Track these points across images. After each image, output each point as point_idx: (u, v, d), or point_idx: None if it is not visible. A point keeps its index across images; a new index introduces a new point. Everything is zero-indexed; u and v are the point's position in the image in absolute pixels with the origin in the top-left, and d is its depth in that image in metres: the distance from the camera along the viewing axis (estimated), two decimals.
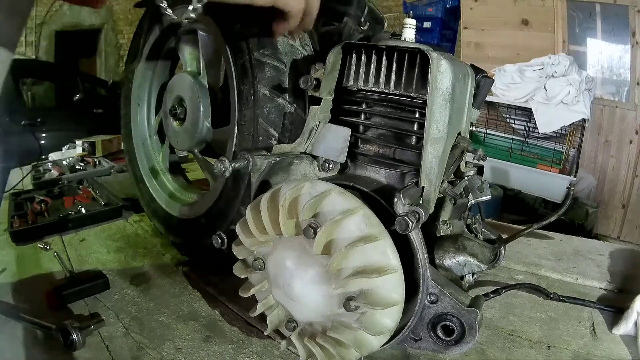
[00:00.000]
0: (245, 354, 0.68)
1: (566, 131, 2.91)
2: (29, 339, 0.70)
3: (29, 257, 0.99)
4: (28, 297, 0.82)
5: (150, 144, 1.15)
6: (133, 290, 0.86)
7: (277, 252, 0.55)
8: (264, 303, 0.59)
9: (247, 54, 0.75)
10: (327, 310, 0.52)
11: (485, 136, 3.23)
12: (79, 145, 2.00)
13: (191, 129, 0.94)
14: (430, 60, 0.52)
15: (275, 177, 0.64)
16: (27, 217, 1.15)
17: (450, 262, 0.61)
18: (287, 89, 0.75)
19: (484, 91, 0.71)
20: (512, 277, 0.94)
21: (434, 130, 0.54)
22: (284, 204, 0.51)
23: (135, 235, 1.13)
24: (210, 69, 0.94)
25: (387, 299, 0.49)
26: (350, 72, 0.61)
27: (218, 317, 0.78)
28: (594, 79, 2.94)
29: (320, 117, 0.64)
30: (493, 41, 3.35)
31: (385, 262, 0.48)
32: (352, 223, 0.49)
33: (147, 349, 0.68)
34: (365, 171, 0.62)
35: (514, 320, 0.78)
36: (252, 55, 0.74)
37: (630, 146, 2.96)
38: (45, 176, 1.56)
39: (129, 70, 1.12)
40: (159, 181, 1.11)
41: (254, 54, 0.74)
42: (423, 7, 3.70)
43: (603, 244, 1.15)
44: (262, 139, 0.76)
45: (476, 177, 0.71)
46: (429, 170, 0.54)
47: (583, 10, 3.01)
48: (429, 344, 0.54)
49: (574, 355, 0.69)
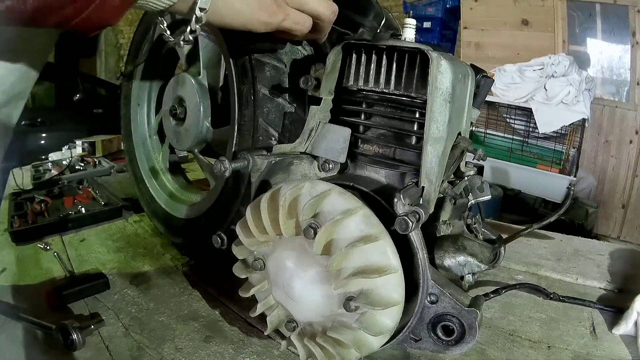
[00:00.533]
0: (245, 354, 0.68)
1: (566, 131, 2.91)
2: (29, 339, 0.70)
3: (29, 257, 0.99)
4: (28, 297, 0.82)
5: (150, 144, 1.15)
6: (133, 290, 0.86)
7: (277, 252, 0.55)
8: (264, 303, 0.59)
9: (247, 54, 0.75)
10: (327, 311, 0.52)
11: (485, 136, 3.23)
12: (79, 145, 2.00)
13: (191, 129, 0.94)
14: (430, 60, 0.52)
15: (275, 177, 0.64)
16: (27, 217, 1.15)
17: (450, 262, 0.61)
18: (287, 89, 0.75)
19: (484, 91, 0.71)
20: (512, 277, 0.94)
21: (434, 130, 0.54)
22: (284, 204, 0.51)
23: (135, 235, 1.13)
24: (210, 69, 0.94)
25: (387, 299, 0.49)
26: (350, 72, 0.61)
27: (218, 317, 0.78)
28: (594, 79, 2.94)
29: (320, 117, 0.64)
30: (493, 41, 3.36)
31: (385, 262, 0.48)
32: (352, 223, 0.49)
33: (147, 349, 0.68)
34: (365, 171, 0.62)
35: (514, 320, 0.78)
36: (252, 55, 0.74)
37: (630, 146, 2.97)
38: (45, 176, 1.56)
39: (129, 70, 1.12)
40: (159, 181, 1.11)
41: (254, 54, 0.74)
42: (423, 7, 3.70)
43: (603, 244, 1.15)
44: (262, 139, 0.76)
45: (476, 177, 0.71)
46: (429, 170, 0.54)
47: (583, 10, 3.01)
48: (429, 344, 0.54)
49: (574, 355, 0.69)
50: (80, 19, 0.38)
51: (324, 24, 0.60)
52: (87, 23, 0.38)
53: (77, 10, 0.37)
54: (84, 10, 0.37)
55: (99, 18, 0.39)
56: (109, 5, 0.38)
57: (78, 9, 0.37)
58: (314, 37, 0.63)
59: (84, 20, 0.37)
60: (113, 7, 0.39)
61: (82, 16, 0.37)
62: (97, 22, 0.39)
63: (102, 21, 0.40)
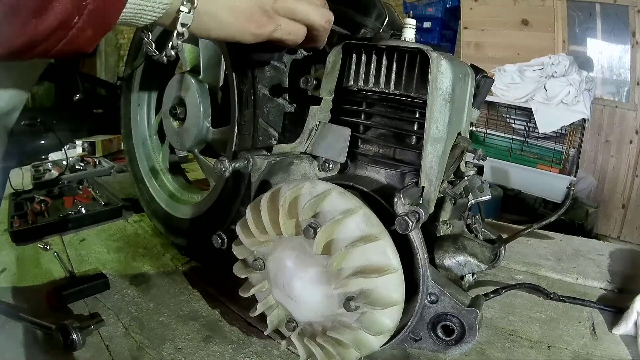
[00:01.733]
0: (245, 354, 0.68)
1: (566, 131, 2.91)
2: (29, 339, 0.70)
3: (29, 257, 0.99)
4: (28, 297, 0.82)
5: (150, 144, 1.15)
6: (133, 290, 0.86)
7: (277, 252, 0.55)
8: (264, 303, 0.59)
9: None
10: (327, 310, 0.52)
11: (485, 136, 3.23)
12: (79, 145, 2.00)
13: (191, 129, 0.94)
14: (430, 60, 0.52)
15: (275, 177, 0.64)
16: (27, 217, 1.15)
17: (450, 262, 0.61)
18: (287, 89, 0.75)
19: (484, 91, 0.71)
20: (512, 277, 0.94)
21: (434, 130, 0.54)
22: (284, 204, 0.51)
23: (135, 235, 1.13)
24: (210, 69, 0.94)
25: (387, 299, 0.49)
26: (350, 72, 0.61)
27: (218, 317, 0.78)
28: (594, 79, 2.94)
29: (320, 117, 0.64)
30: (493, 41, 3.35)
31: (385, 262, 0.48)
32: (352, 223, 0.49)
33: (147, 349, 0.68)
34: (365, 171, 0.62)
35: (514, 320, 0.78)
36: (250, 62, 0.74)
37: (630, 146, 2.97)
38: (45, 176, 1.56)
39: (127, 73, 1.12)
40: (159, 181, 1.11)
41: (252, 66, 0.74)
42: (423, 7, 3.70)
43: (603, 244, 1.15)
44: (262, 139, 0.76)
45: (476, 177, 0.71)
46: (429, 170, 0.54)
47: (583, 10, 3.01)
48: (429, 344, 0.54)
49: (574, 355, 0.69)
50: (55, 52, 0.40)
51: (319, 32, 0.58)
52: (63, 54, 0.41)
53: (49, 47, 0.40)
54: (56, 45, 0.40)
55: (74, 49, 0.41)
56: (82, 37, 0.40)
57: (50, 46, 0.40)
58: (309, 45, 0.61)
59: (58, 52, 0.40)
60: (86, 38, 0.41)
61: (56, 49, 0.40)
62: (72, 51, 0.41)
63: (78, 50, 0.42)
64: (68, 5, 0.37)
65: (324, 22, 0.57)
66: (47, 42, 0.39)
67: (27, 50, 0.39)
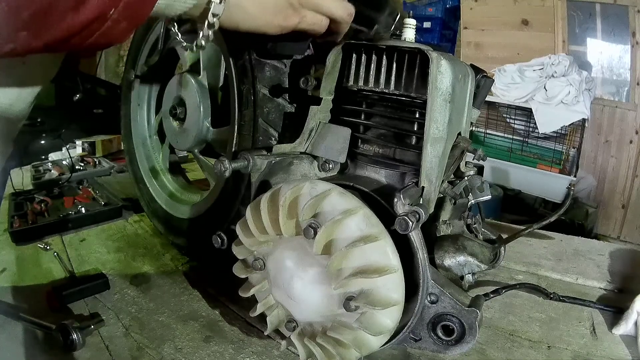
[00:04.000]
0: (245, 354, 0.68)
1: (566, 131, 2.91)
2: (29, 339, 0.70)
3: (29, 257, 0.99)
4: (28, 297, 0.82)
5: (150, 144, 1.15)
6: (133, 290, 0.86)
7: (277, 252, 0.55)
8: (264, 303, 0.59)
9: (247, 54, 0.75)
10: (327, 310, 0.52)
11: (485, 136, 3.23)
12: (79, 145, 2.00)
13: (191, 129, 0.93)
14: (430, 60, 0.52)
15: (275, 177, 0.64)
16: (27, 217, 1.14)
17: (450, 262, 0.61)
18: (287, 89, 0.75)
19: (484, 91, 0.71)
20: (512, 277, 0.94)
21: (434, 130, 0.54)
22: (284, 204, 0.51)
23: (135, 235, 1.13)
24: (210, 69, 0.94)
25: (387, 299, 0.49)
26: (350, 72, 0.61)
27: (218, 317, 0.78)
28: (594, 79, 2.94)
29: (320, 117, 0.64)
30: (493, 41, 3.35)
31: (385, 262, 0.48)
32: (352, 223, 0.49)
33: (147, 349, 0.68)
34: (365, 171, 0.62)
35: (514, 320, 0.78)
36: (252, 55, 0.74)
37: (630, 146, 2.96)
38: (45, 176, 1.56)
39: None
40: (159, 181, 1.11)
41: (253, 54, 0.74)
42: (423, 7, 3.70)
43: (603, 244, 1.15)
44: (262, 139, 0.76)
45: (476, 177, 0.71)
46: (429, 170, 0.54)
47: (583, 10, 3.00)
48: (429, 344, 0.54)
49: (574, 355, 0.69)
50: (88, 44, 0.40)
51: (340, 25, 0.60)
52: (96, 46, 0.41)
53: (83, 39, 0.40)
54: (90, 37, 0.40)
55: (107, 41, 0.41)
56: (116, 29, 0.40)
57: (84, 38, 0.39)
58: (330, 38, 0.62)
59: (92, 44, 0.40)
60: (120, 30, 0.41)
61: (89, 41, 0.40)
62: (105, 43, 0.41)
63: (110, 42, 0.42)
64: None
65: (346, 15, 0.59)
66: (82, 34, 0.39)
67: (62, 43, 0.39)
